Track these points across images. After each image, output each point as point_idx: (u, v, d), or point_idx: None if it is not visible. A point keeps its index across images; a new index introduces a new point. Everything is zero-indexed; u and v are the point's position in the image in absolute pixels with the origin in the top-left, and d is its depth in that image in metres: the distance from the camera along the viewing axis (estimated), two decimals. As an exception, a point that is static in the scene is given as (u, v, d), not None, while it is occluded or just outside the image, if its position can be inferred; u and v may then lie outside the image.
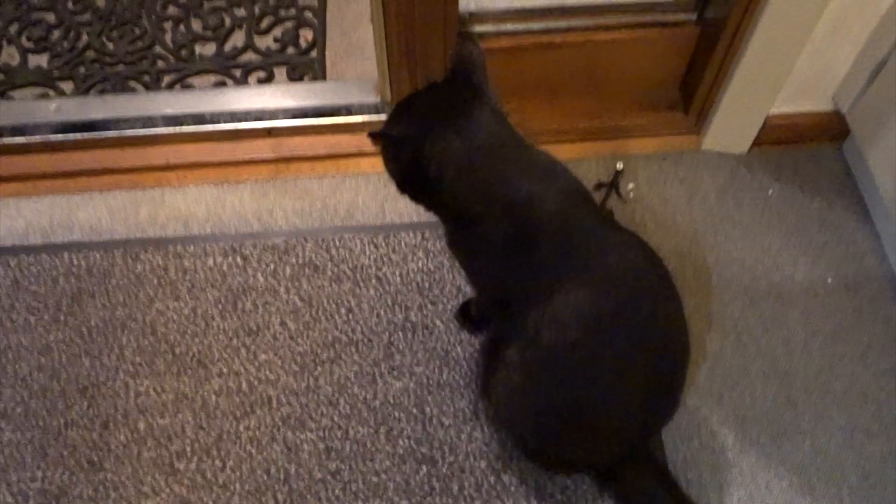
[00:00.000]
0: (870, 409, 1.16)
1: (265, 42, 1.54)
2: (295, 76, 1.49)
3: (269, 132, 1.38)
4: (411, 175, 0.96)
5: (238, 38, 1.54)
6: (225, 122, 1.38)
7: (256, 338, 1.20)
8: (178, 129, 1.37)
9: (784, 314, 1.23)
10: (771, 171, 1.37)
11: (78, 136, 1.36)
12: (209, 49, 1.53)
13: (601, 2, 1.42)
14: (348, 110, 1.39)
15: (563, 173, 0.97)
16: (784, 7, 1.14)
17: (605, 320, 0.91)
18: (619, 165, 1.34)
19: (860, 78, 1.26)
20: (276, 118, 1.38)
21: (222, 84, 1.48)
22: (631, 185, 1.34)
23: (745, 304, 1.24)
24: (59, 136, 1.36)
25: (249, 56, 1.52)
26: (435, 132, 0.92)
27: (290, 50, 1.53)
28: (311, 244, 1.28)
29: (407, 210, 1.31)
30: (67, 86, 1.48)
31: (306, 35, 1.55)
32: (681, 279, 1.24)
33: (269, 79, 1.49)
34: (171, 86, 1.48)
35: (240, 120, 1.37)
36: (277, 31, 1.55)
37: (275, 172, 1.36)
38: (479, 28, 1.28)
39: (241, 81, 1.48)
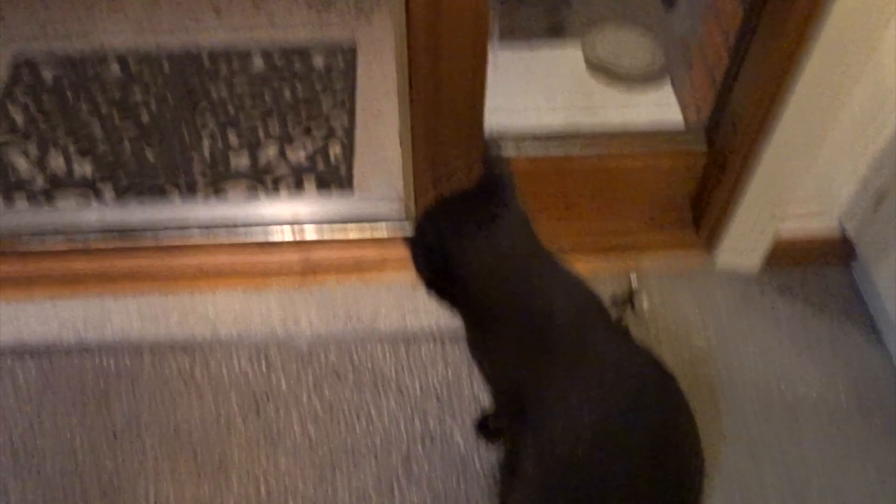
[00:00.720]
0: (888, 533, 1.15)
1: (297, 155, 1.63)
2: (324, 188, 1.56)
3: (298, 241, 1.44)
4: (439, 277, 1.00)
5: (271, 151, 1.63)
6: (256, 230, 1.44)
7: (277, 443, 1.22)
8: (210, 236, 1.44)
9: (799, 433, 1.24)
10: (782, 289, 1.41)
11: (116, 240, 1.43)
12: (243, 160, 1.62)
13: (615, 128, 1.50)
14: (374, 221, 1.45)
15: (582, 285, 1.01)
16: (788, 137, 1.21)
17: (618, 434, 0.93)
18: (634, 281, 1.38)
19: (864, 203, 1.31)
20: (305, 227, 1.45)
21: (254, 193, 1.56)
22: (645, 301, 1.38)
23: (760, 422, 1.25)
24: (99, 241, 1.43)
25: (281, 168, 1.61)
26: (466, 236, 0.96)
27: (321, 163, 1.61)
28: (334, 351, 1.31)
29: (428, 320, 1.35)
30: (108, 192, 1.56)
31: (336, 149, 1.64)
32: (695, 395, 1.25)
33: (299, 189, 1.56)
34: (205, 194, 1.56)
35: (270, 230, 1.44)
36: (309, 145, 1.64)
37: (301, 280, 1.42)
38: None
39: (273, 191, 1.56)
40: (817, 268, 1.43)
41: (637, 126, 1.55)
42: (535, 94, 1.66)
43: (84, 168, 1.61)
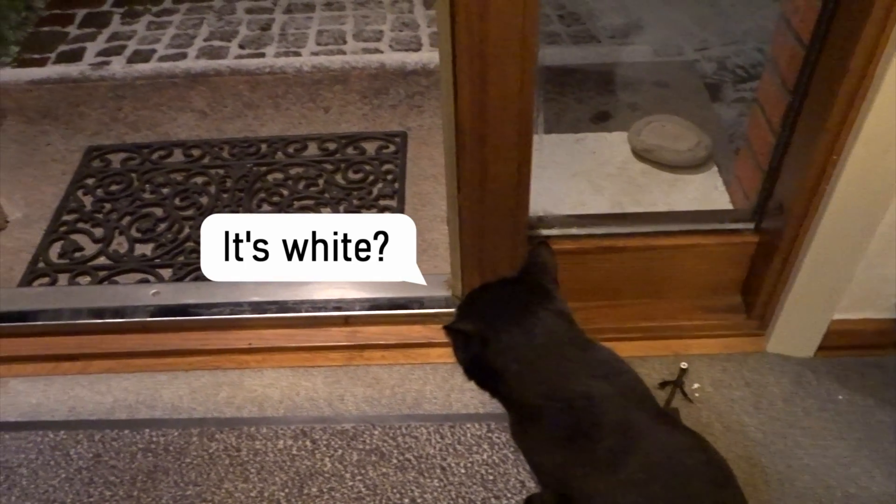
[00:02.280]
0: None
1: (347, 237, 1.67)
2: (372, 269, 1.60)
3: (346, 320, 1.46)
4: (478, 365, 1.01)
5: (322, 234, 1.68)
6: (305, 309, 1.48)
7: (319, 524, 1.21)
8: (261, 316, 1.47)
9: (863, 529, 1.18)
10: (837, 376, 1.37)
11: (171, 319, 1.48)
12: (296, 242, 1.67)
13: (660, 209, 1.51)
14: (421, 303, 1.47)
15: (625, 372, 1.00)
16: (837, 223, 1.20)
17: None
18: (684, 365, 1.36)
19: (921, 289, 1.29)
20: (353, 308, 1.47)
21: (305, 274, 1.60)
22: (696, 386, 1.35)
23: (820, 516, 1.20)
24: (155, 319, 1.47)
25: (332, 250, 1.65)
26: (502, 328, 0.98)
27: (370, 245, 1.65)
28: (379, 431, 1.31)
29: (473, 401, 1.34)
30: (166, 272, 1.62)
31: (385, 232, 1.68)
32: (750, 486, 1.21)
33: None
34: (258, 275, 1.60)
35: (319, 309, 1.47)
36: (359, 228, 1.69)
37: (348, 359, 1.43)
38: (545, 231, 1.37)
39: (323, 273, 1.60)
40: (875, 354, 1.39)
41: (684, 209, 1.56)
42: (580, 179, 1.69)
43: (145, 250, 1.67)
